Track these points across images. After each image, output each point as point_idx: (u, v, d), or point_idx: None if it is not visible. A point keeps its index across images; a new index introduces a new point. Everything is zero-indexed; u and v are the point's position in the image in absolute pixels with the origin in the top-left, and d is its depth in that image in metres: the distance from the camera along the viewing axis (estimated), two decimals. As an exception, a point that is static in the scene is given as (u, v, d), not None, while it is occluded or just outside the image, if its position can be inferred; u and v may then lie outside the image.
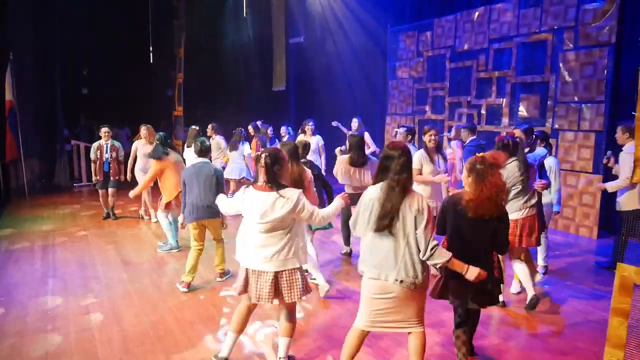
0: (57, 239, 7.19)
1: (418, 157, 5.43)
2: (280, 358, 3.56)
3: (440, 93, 10.45)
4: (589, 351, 3.93)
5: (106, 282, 5.45)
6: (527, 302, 4.64)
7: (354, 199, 4.32)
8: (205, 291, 5.22)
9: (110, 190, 8.26)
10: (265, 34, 13.96)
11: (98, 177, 8.13)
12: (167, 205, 6.41)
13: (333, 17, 12.93)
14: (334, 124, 9.69)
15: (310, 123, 8.70)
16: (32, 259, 6.25)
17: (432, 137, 5.54)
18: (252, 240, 3.38)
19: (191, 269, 5.25)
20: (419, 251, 2.97)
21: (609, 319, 2.76)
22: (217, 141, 9.00)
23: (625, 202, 5.45)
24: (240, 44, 14.49)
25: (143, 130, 8.09)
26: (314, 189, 4.80)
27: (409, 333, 3.15)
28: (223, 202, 3.80)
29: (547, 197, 5.53)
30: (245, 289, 3.47)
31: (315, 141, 8.54)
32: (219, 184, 5.23)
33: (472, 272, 3.11)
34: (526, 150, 5.00)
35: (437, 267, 3.04)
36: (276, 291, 3.39)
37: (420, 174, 5.41)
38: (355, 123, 8.67)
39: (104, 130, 8.15)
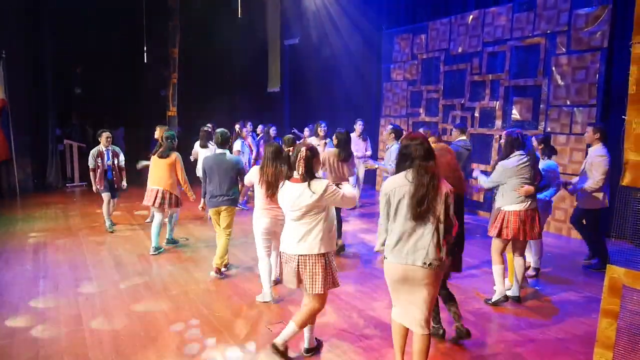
0: (48, 240, 7.15)
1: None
2: (278, 338, 3.70)
3: (435, 95, 10.49)
4: (580, 352, 3.96)
5: (98, 282, 5.43)
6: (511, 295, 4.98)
7: None
8: (198, 291, 5.20)
9: (114, 200, 7.82)
10: (260, 35, 13.98)
11: (99, 187, 7.48)
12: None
13: (328, 19, 12.94)
14: (293, 131, 9.76)
15: (323, 125, 8.60)
16: (23, 260, 6.21)
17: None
18: (287, 228, 3.67)
19: (219, 253, 5.59)
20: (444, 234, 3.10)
21: (598, 320, 2.78)
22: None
23: (587, 202, 5.91)
24: (235, 45, 14.48)
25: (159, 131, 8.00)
26: None
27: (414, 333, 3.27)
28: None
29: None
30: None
31: (328, 143, 8.57)
32: (240, 174, 5.56)
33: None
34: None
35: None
36: (299, 278, 3.59)
37: None
38: (360, 125, 8.71)
39: (105, 136, 7.55)
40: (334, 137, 6.55)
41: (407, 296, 3.22)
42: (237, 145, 9.23)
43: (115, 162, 7.67)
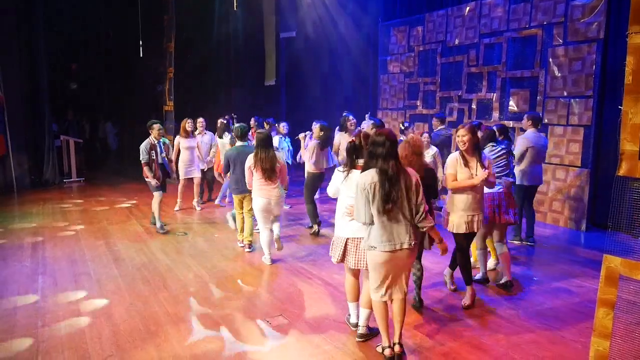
0: (46, 236, 7.15)
1: (452, 160, 4.63)
2: (360, 327, 4.03)
3: (432, 88, 10.48)
4: (576, 342, 3.99)
5: (96, 278, 5.43)
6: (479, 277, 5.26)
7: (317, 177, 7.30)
8: (196, 285, 5.21)
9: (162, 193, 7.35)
10: (256, 28, 13.92)
11: (157, 181, 7.05)
12: None
13: (325, 11, 12.90)
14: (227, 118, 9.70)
15: (351, 117, 8.18)
16: (21, 256, 6.21)
17: (462, 138, 4.56)
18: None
19: (247, 231, 6.30)
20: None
21: (595, 310, 2.80)
22: (209, 137, 8.98)
23: (520, 179, 6.54)
24: (231, 39, 14.44)
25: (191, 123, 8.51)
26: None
27: (392, 301, 3.67)
28: (329, 185, 4.19)
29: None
30: (343, 257, 3.95)
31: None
32: None
33: (444, 246, 3.74)
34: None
35: (424, 229, 3.60)
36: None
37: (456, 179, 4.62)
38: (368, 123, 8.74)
39: (157, 127, 7.06)
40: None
41: (392, 274, 3.57)
42: (275, 141, 9.02)
43: (168, 154, 7.37)
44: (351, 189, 3.76)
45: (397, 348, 3.66)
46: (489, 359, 3.72)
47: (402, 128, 8.21)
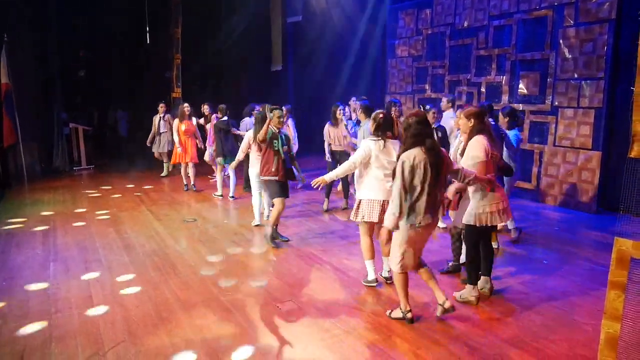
0: (57, 223, 7.22)
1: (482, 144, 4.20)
2: (387, 271, 4.85)
3: (440, 71, 10.38)
4: (587, 324, 3.98)
5: (107, 264, 5.49)
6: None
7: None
8: (207, 271, 5.25)
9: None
10: (262, 13, 13.82)
11: (281, 180, 5.99)
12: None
13: (331, -5, 12.78)
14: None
15: (340, 107, 7.73)
16: (34, 243, 6.28)
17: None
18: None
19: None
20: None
21: (606, 292, 2.79)
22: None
23: None
24: (238, 24, 14.35)
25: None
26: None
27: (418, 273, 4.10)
28: (356, 154, 4.70)
29: None
30: (380, 217, 4.35)
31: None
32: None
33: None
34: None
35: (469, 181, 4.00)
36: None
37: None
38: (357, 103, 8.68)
39: (277, 114, 6.02)
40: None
41: (419, 246, 3.95)
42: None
43: (289, 149, 6.21)
44: (390, 155, 4.43)
45: (447, 304, 3.98)
46: (499, 342, 3.73)
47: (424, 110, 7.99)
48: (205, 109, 9.75)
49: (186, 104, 9.34)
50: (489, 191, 4.12)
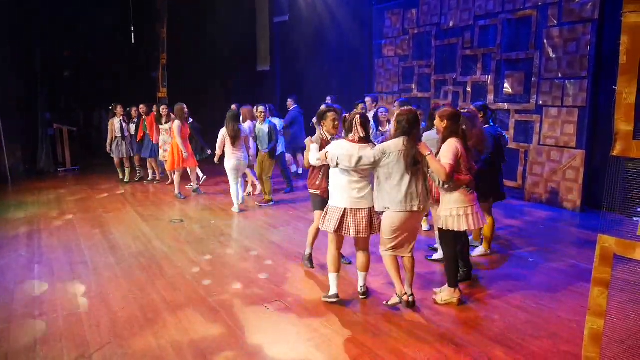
0: (42, 225, 7.13)
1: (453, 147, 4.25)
2: (360, 287, 4.54)
3: (426, 71, 10.44)
4: (572, 321, 4.03)
5: (93, 266, 5.43)
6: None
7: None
8: (194, 272, 5.23)
9: None
10: (249, 13, 13.77)
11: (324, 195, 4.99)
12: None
13: (317, -5, 12.77)
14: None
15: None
16: (17, 245, 6.19)
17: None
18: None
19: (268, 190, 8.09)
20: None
21: (590, 289, 2.82)
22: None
23: None
24: (224, 24, 14.28)
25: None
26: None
27: (403, 257, 4.22)
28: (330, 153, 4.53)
29: None
30: (339, 228, 4.18)
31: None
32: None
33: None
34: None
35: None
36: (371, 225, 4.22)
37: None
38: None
39: (332, 117, 4.70)
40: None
41: (404, 233, 4.08)
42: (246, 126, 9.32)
43: None
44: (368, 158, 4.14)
45: (411, 298, 4.18)
46: (485, 339, 3.76)
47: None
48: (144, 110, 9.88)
49: (184, 105, 8.97)
50: (444, 180, 4.02)
